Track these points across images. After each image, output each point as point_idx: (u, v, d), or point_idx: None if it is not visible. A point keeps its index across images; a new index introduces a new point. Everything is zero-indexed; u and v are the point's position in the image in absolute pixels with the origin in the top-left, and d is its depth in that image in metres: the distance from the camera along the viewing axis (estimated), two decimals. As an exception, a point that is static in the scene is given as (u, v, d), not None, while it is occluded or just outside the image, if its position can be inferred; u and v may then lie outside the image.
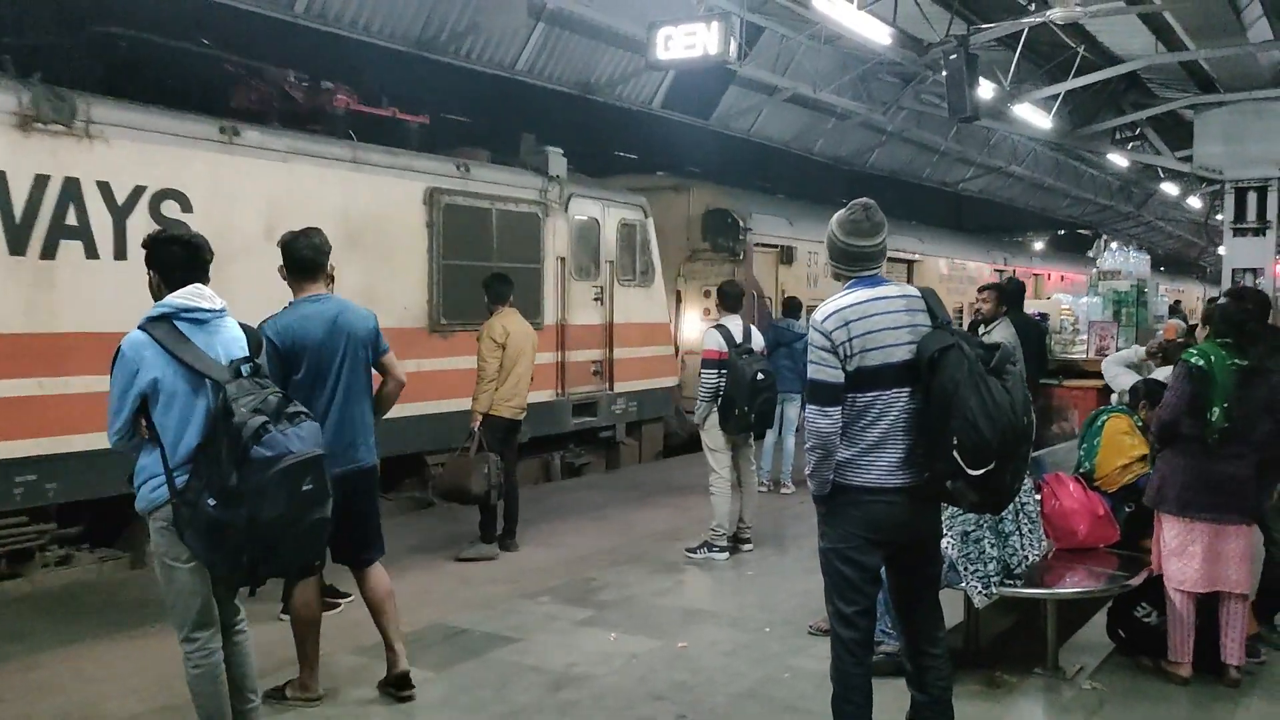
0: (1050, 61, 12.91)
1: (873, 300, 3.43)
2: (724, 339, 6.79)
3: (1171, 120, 15.37)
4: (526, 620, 5.60)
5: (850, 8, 9.32)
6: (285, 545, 3.38)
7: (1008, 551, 4.64)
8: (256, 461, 3.23)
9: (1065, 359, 9.64)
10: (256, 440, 3.24)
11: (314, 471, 3.38)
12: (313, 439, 3.42)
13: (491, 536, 6.92)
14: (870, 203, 3.57)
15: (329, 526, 3.57)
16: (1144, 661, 4.84)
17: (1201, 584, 4.57)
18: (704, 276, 12.74)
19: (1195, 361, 4.54)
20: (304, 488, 3.33)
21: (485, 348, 6.80)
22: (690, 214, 13.02)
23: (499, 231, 8.92)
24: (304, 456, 3.33)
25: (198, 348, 3.42)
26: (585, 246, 10.06)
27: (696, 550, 6.95)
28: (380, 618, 4.50)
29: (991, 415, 3.18)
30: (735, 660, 5.01)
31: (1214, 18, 10.06)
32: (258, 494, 3.24)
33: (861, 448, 3.38)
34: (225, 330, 3.56)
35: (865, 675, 3.47)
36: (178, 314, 3.44)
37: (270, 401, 3.36)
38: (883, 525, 3.40)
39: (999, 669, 4.80)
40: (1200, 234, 29.70)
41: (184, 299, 3.45)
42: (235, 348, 3.55)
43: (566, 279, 9.72)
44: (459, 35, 10.70)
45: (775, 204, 14.84)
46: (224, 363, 3.44)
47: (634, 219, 10.80)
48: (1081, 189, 24.25)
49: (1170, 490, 4.63)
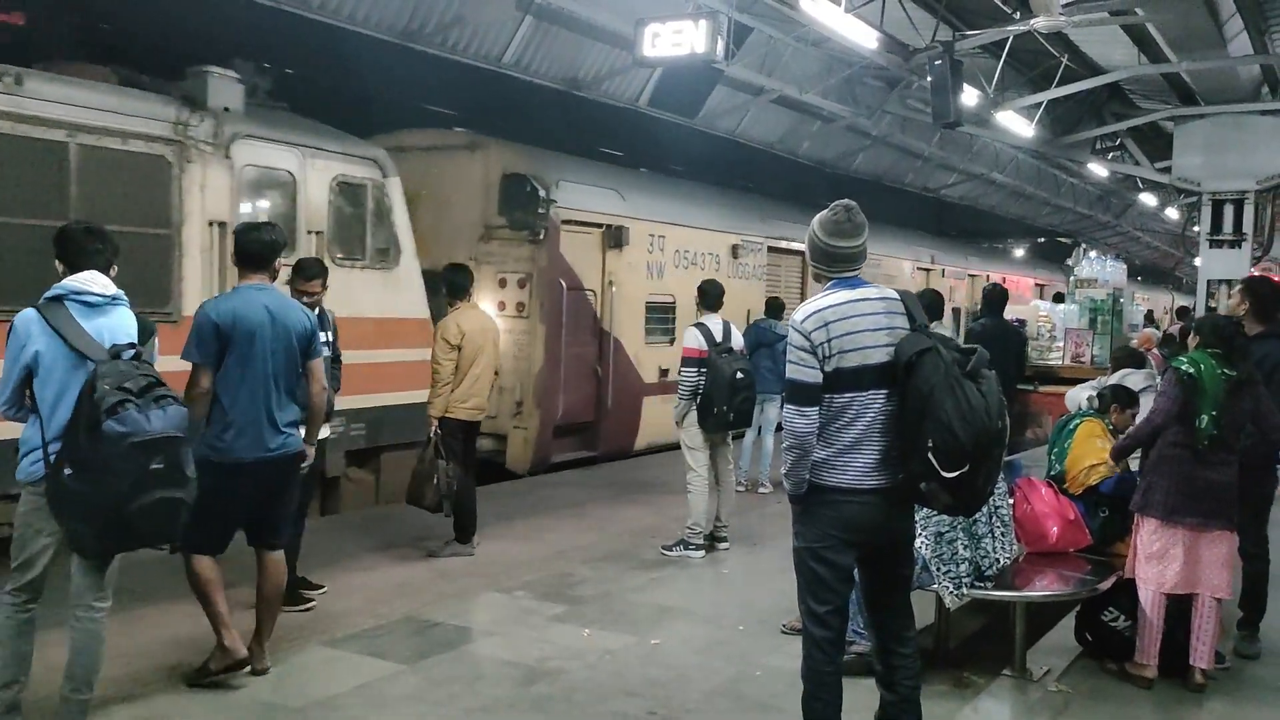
0: (1033, 70, 13.04)
1: (852, 302, 3.45)
2: (704, 337, 6.79)
3: (1152, 131, 15.54)
4: (501, 615, 5.60)
5: (837, 10, 9.36)
6: (131, 520, 3.49)
7: (980, 554, 4.68)
8: (107, 435, 3.39)
9: (1041, 365, 9.73)
10: (111, 414, 3.40)
11: (166, 451, 3.51)
12: (173, 422, 3.54)
13: (467, 537, 6.78)
14: (852, 204, 3.58)
15: (183, 509, 3.65)
16: (1109, 665, 4.90)
17: (1181, 585, 4.65)
18: (500, 260, 10.02)
19: (1186, 369, 4.62)
20: (152, 466, 3.46)
21: (439, 350, 6.55)
22: (488, 180, 10.12)
23: (83, 177, 6.22)
24: (155, 435, 3.46)
25: (81, 328, 3.62)
26: (272, 210, 7.46)
27: (673, 548, 6.97)
28: (263, 607, 4.59)
29: (966, 418, 3.21)
30: (708, 658, 5.03)
31: (1195, 30, 10.19)
32: (104, 467, 3.40)
33: (838, 448, 3.40)
34: (114, 316, 3.75)
35: (836, 674, 3.50)
36: (69, 296, 3.66)
37: (137, 383, 3.51)
38: (857, 526, 3.42)
39: (967, 669, 4.85)
40: (1177, 245, 30.05)
41: (76, 283, 3.68)
42: (121, 333, 3.72)
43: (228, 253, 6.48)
44: (446, 27, 10.66)
45: (598, 171, 11.65)
46: (106, 345, 3.62)
47: (363, 178, 8.07)
48: (1061, 198, 24.47)
49: (1156, 495, 4.70)
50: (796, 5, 8.94)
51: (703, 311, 7.07)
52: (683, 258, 11.81)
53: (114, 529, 3.53)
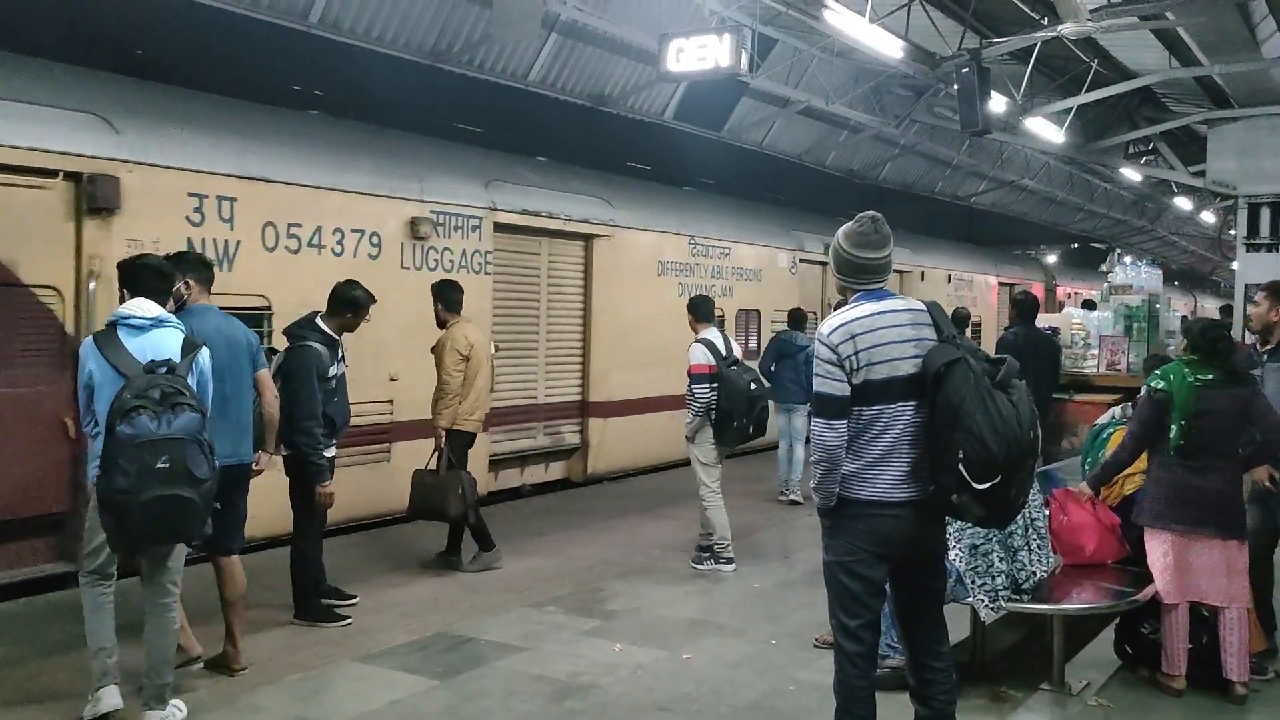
0: (1063, 75, 12.91)
1: (878, 314, 3.43)
2: (710, 352, 6.76)
3: (1185, 135, 15.33)
4: (532, 630, 5.61)
5: (862, 21, 9.34)
6: (139, 514, 3.78)
7: (1016, 566, 4.63)
8: (118, 437, 3.77)
9: (1076, 374, 9.59)
10: (124, 419, 3.76)
11: (171, 452, 3.79)
12: (182, 426, 3.84)
13: (489, 543, 6.85)
14: (878, 215, 3.56)
15: (193, 508, 3.89)
16: (1142, 672, 4.84)
17: (1173, 595, 4.61)
18: None
19: (1155, 385, 4.66)
20: (157, 465, 3.76)
21: (450, 361, 6.49)
22: None
23: None
24: (158, 437, 3.77)
25: (125, 349, 4.03)
26: None
27: (703, 561, 6.95)
28: (229, 610, 4.83)
29: (998, 429, 3.18)
30: (740, 672, 5.00)
31: (1228, 33, 10.04)
32: (114, 466, 3.77)
33: (867, 461, 3.38)
34: (156, 336, 4.13)
35: (869, 689, 3.47)
36: (119, 322, 4.12)
37: (157, 391, 3.85)
38: (888, 539, 3.39)
39: (1004, 684, 4.79)
40: (1215, 249, 29.58)
41: (125, 309, 4.16)
42: (164, 351, 4.08)
43: None
44: (472, 46, 10.77)
45: None
46: (144, 361, 3.98)
47: None
48: (1094, 203, 24.19)
49: (1147, 503, 4.75)
50: (820, 17, 8.94)
51: (700, 326, 7.00)
52: (287, 235, 7.13)
53: (125, 524, 3.84)
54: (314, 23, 9.28)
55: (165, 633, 4.23)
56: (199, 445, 3.90)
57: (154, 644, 4.20)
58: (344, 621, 5.57)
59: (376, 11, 9.76)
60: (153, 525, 3.87)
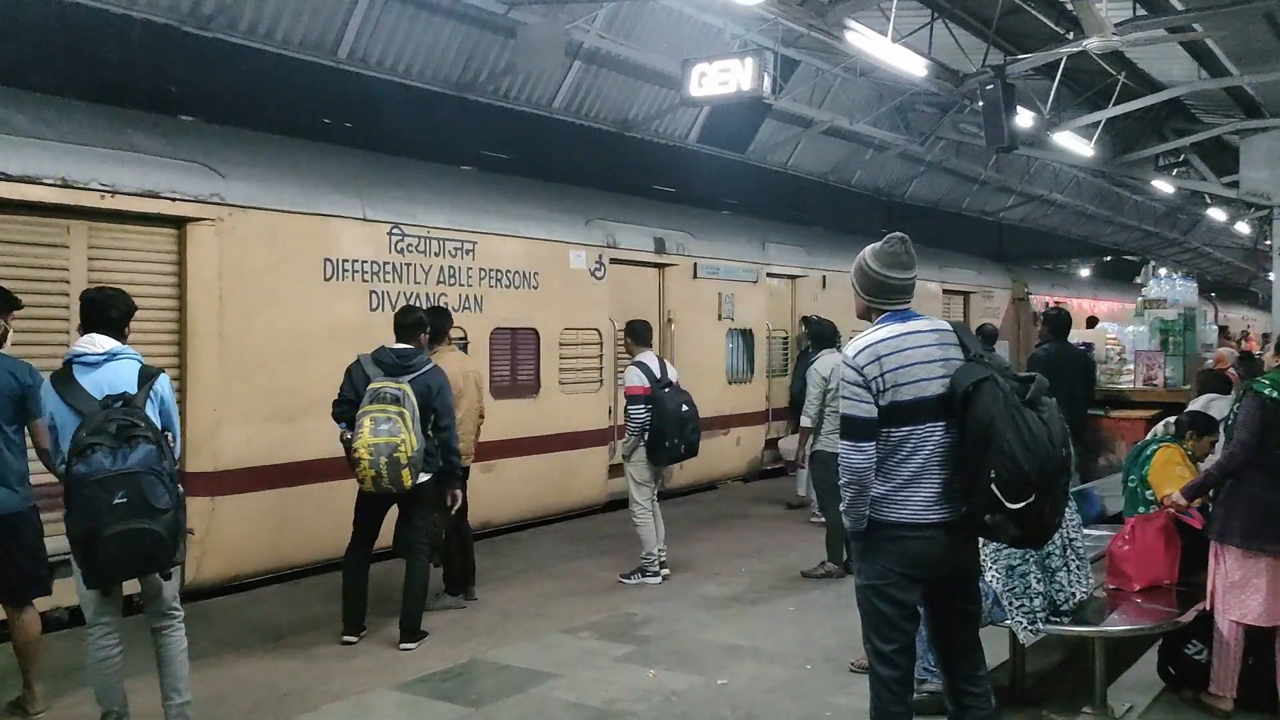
0: (1090, 89, 12.85)
1: (904, 335, 3.43)
2: (645, 375, 7.00)
3: (1216, 146, 15.18)
4: (566, 656, 5.59)
5: (884, 41, 9.36)
6: (104, 550, 3.81)
7: (1054, 587, 4.56)
8: (75, 477, 3.82)
9: (1112, 389, 9.47)
10: (79, 459, 3.82)
11: (129, 486, 3.82)
12: (139, 459, 3.86)
13: (456, 587, 6.58)
14: (905, 236, 3.56)
15: (157, 539, 3.90)
16: (1186, 693, 4.74)
17: (1264, 618, 4.48)
18: None
19: (1268, 393, 4.48)
20: (115, 501, 3.79)
21: None
22: None
23: None
24: (113, 472, 3.80)
25: (80, 386, 4.08)
26: None
27: (631, 575, 7.17)
28: (23, 660, 4.68)
29: (1029, 447, 3.16)
30: (776, 697, 4.96)
31: (1256, 43, 9.97)
32: (73, 505, 3.83)
33: (897, 483, 3.36)
34: (110, 370, 4.15)
35: (906, 714, 3.43)
36: (74, 359, 4.16)
37: (114, 425, 3.88)
38: (920, 561, 3.37)
39: (1046, 708, 4.71)
40: (1250, 259, 29.15)
41: (77, 347, 4.21)
42: (119, 384, 4.10)
43: None
44: (497, 76, 10.92)
45: None
46: (100, 397, 4.01)
47: None
48: (1126, 216, 23.97)
49: (1235, 522, 4.54)
50: (843, 38, 8.98)
51: (637, 349, 7.24)
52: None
53: (90, 560, 3.88)
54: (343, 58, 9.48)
55: (176, 653, 4.25)
56: (156, 476, 3.89)
57: (170, 665, 4.23)
58: None
59: (403, 45, 9.95)
60: (120, 559, 3.89)
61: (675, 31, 11.13)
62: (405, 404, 5.43)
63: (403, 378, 5.54)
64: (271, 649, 5.68)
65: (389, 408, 5.40)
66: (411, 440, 5.39)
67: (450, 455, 5.78)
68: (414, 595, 5.78)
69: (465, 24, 10.32)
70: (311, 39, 9.33)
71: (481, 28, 10.43)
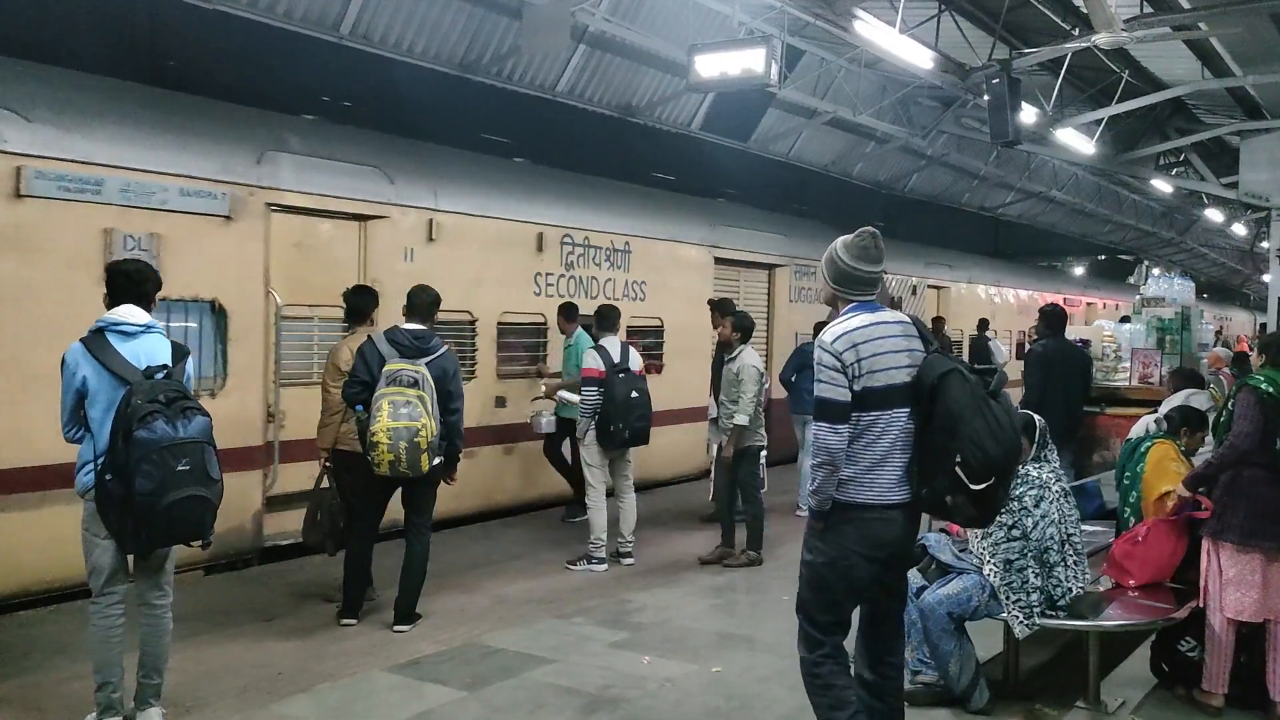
0: (1093, 86, 12.82)
1: (875, 324, 3.58)
2: (602, 359, 7.09)
3: (1216, 146, 15.19)
4: (560, 641, 5.59)
5: (892, 32, 9.31)
6: (163, 516, 3.90)
7: (1052, 583, 4.57)
8: (138, 442, 3.84)
9: (1107, 387, 9.49)
10: (142, 424, 3.85)
11: (192, 455, 3.95)
12: (198, 430, 3.99)
13: (349, 598, 5.80)
14: (877, 231, 3.70)
15: (209, 507, 4.06)
16: (1179, 691, 4.76)
17: (1257, 614, 4.52)
18: None
19: (1265, 389, 4.50)
20: (179, 467, 3.90)
21: (328, 377, 5.87)
22: None
23: None
24: (179, 439, 3.91)
25: (120, 354, 4.05)
26: None
27: (577, 563, 7.19)
28: None
29: (996, 435, 3.38)
30: (771, 686, 4.96)
31: (1261, 44, 9.95)
32: (135, 470, 3.83)
33: (865, 465, 3.50)
34: (148, 342, 4.15)
35: (845, 677, 3.63)
36: (108, 327, 4.11)
37: (167, 396, 3.95)
38: (879, 541, 3.52)
39: (1039, 701, 4.72)
40: (1245, 261, 29.22)
41: (114, 316, 4.15)
42: (157, 356, 4.12)
43: None
44: (501, 57, 10.84)
45: None
46: (141, 368, 4.03)
47: None
48: (1123, 215, 23.96)
49: (1232, 519, 4.56)
50: (850, 28, 8.92)
51: (601, 333, 7.37)
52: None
53: (149, 525, 3.92)
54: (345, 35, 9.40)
55: (164, 632, 4.26)
56: (212, 448, 4.04)
57: (153, 643, 4.22)
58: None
59: (407, 22, 9.87)
60: (173, 525, 3.97)
61: (681, 16, 11.04)
62: (424, 387, 5.39)
63: (419, 360, 5.48)
64: (264, 628, 5.67)
65: (407, 391, 5.34)
66: (432, 424, 5.37)
67: (456, 439, 5.73)
68: (413, 578, 5.75)
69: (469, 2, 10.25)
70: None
71: (487, 8, 10.35)
